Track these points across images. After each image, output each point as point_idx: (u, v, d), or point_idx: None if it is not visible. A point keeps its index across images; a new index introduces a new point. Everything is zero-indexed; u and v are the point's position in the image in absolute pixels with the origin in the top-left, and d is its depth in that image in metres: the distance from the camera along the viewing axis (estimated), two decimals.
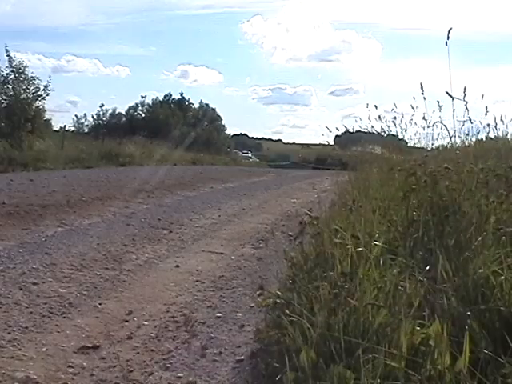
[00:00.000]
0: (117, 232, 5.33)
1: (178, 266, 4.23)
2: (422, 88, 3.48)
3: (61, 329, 2.77)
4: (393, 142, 6.41)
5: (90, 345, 2.58)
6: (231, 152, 35.90)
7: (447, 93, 3.03)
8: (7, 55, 14.47)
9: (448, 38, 2.62)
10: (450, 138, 4.25)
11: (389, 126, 5.91)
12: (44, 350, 2.51)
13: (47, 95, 15.32)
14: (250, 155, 38.50)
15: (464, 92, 3.20)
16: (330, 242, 2.58)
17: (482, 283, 1.97)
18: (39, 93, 15.11)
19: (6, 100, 14.75)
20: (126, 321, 2.95)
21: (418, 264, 2.30)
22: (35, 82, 15.05)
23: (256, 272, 4.12)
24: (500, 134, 5.12)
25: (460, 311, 1.85)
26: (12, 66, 14.61)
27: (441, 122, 3.80)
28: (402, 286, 2.05)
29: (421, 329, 1.73)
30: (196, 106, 38.45)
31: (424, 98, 3.65)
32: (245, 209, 7.80)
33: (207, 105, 38.86)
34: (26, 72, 14.90)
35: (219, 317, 3.10)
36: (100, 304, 3.19)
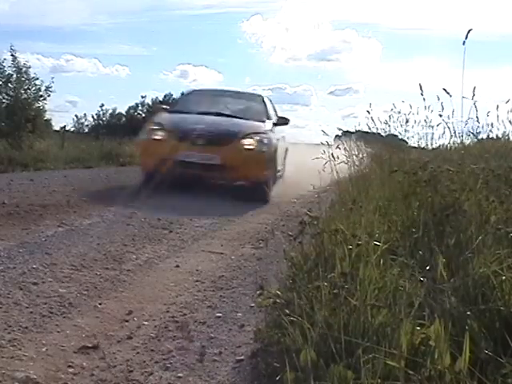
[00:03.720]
0: (117, 232, 5.33)
1: (177, 266, 4.23)
2: (421, 89, 3.48)
3: (61, 329, 2.76)
4: (393, 141, 6.42)
5: (90, 345, 2.58)
6: None
7: (444, 90, 3.05)
8: (12, 54, 14.50)
9: (466, 38, 2.63)
10: (451, 138, 4.26)
11: (394, 126, 5.94)
12: (44, 349, 2.50)
13: (48, 96, 15.36)
14: None
15: (473, 92, 3.22)
16: (330, 241, 2.59)
17: (482, 283, 1.98)
18: (40, 93, 15.15)
19: (6, 100, 14.78)
20: (126, 321, 2.95)
21: (418, 264, 2.30)
22: (37, 83, 15.08)
23: (256, 272, 4.12)
24: (500, 134, 5.12)
25: (460, 311, 1.85)
26: (15, 66, 14.64)
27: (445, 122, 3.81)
28: (402, 286, 2.05)
29: (421, 329, 1.73)
30: None
31: (424, 99, 3.66)
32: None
33: None
34: (29, 72, 14.94)
35: (219, 317, 3.09)
36: (100, 304, 3.19)
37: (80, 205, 6.71)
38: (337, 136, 7.43)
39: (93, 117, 35.77)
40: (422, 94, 3.70)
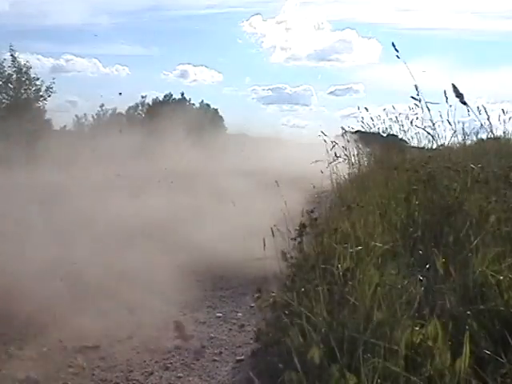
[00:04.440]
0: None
1: (178, 266, 4.21)
2: (417, 89, 3.48)
3: (61, 329, 2.76)
4: (393, 141, 6.41)
5: (90, 345, 2.58)
6: None
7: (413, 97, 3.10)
8: (11, 55, 14.53)
9: (397, 50, 2.69)
10: (451, 137, 4.26)
11: (393, 126, 5.93)
12: (44, 349, 2.51)
13: (49, 96, 15.39)
14: None
15: (445, 94, 3.24)
16: (330, 241, 2.58)
17: (482, 283, 1.97)
18: (40, 93, 15.17)
19: (7, 100, 14.80)
20: (126, 321, 2.94)
21: (417, 263, 2.30)
22: (37, 83, 15.11)
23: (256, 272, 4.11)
24: (499, 134, 5.12)
25: (460, 311, 1.85)
26: (15, 66, 14.67)
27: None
28: (401, 286, 2.05)
29: (420, 328, 1.73)
30: (197, 106, 38.27)
31: (419, 100, 3.64)
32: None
33: (208, 105, 38.72)
34: (29, 72, 14.97)
35: (219, 317, 3.09)
36: (100, 304, 3.18)
37: None
38: (337, 136, 7.42)
39: (93, 117, 35.59)
40: (418, 95, 3.71)
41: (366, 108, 6.23)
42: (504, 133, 5.23)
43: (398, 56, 2.37)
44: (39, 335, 2.65)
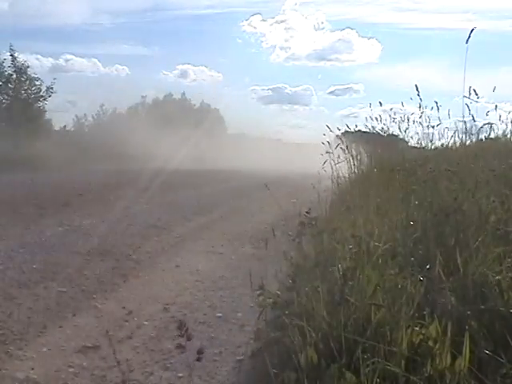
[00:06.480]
0: (117, 231, 5.33)
1: (178, 266, 4.23)
2: (417, 89, 3.48)
3: (61, 329, 2.77)
4: (393, 141, 6.41)
5: (90, 345, 2.58)
6: None
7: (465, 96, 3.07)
8: (11, 55, 14.55)
9: (469, 36, 2.66)
10: (451, 137, 4.26)
11: (393, 126, 5.92)
12: (44, 350, 2.51)
13: (49, 96, 15.41)
14: None
15: (469, 91, 3.23)
16: (329, 241, 2.58)
17: (482, 283, 1.97)
18: (41, 93, 15.19)
19: (7, 100, 14.81)
20: (126, 321, 2.95)
21: (417, 263, 2.30)
22: (37, 83, 15.13)
23: (256, 272, 4.11)
24: (500, 134, 5.12)
25: (460, 311, 1.85)
26: (15, 66, 14.69)
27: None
28: (401, 286, 2.05)
29: (420, 329, 1.73)
30: (197, 106, 38.24)
31: (420, 99, 3.65)
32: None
33: (208, 105, 38.67)
34: (29, 72, 14.99)
35: (219, 317, 3.09)
36: (100, 304, 3.19)
37: (80, 204, 6.72)
38: (337, 136, 7.42)
39: (93, 117, 35.47)
40: (418, 95, 3.71)
41: (380, 102, 6.13)
42: (504, 133, 5.22)
43: None
44: (39, 335, 2.66)
